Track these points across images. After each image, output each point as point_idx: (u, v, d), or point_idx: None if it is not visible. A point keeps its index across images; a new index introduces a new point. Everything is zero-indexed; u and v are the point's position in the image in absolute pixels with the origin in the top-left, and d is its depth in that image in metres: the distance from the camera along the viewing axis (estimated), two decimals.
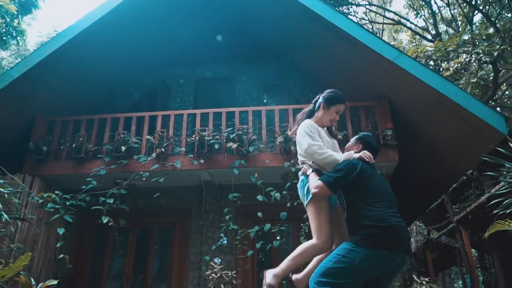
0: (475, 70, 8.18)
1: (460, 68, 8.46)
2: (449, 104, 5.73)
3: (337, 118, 3.00)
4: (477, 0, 12.13)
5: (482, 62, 8.03)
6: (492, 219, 4.66)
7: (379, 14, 17.92)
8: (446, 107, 5.81)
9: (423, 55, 8.59)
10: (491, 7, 12.32)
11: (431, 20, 15.51)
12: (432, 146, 6.77)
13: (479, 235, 10.81)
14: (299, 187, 2.87)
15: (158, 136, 6.49)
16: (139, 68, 8.50)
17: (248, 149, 6.21)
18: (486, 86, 10.39)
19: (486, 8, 12.25)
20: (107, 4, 6.74)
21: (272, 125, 6.78)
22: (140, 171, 6.04)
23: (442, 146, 6.70)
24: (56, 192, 5.40)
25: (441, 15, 16.10)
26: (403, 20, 17.10)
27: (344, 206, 2.69)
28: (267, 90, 8.79)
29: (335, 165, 2.66)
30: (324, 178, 2.60)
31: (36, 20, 27.46)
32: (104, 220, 5.22)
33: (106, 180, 5.97)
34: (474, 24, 13.83)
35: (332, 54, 7.12)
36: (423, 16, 16.69)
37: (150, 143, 6.51)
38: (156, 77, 8.76)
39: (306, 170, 2.78)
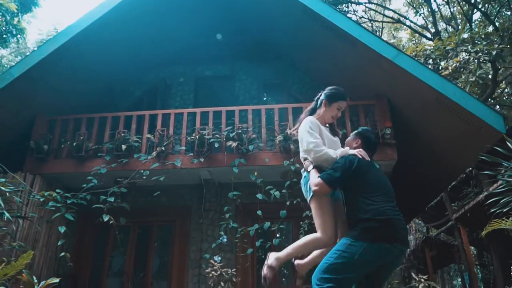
0: (474, 69, 8.19)
1: (459, 67, 8.47)
2: (447, 103, 5.76)
3: (339, 114, 3.02)
4: None
5: (481, 61, 8.04)
6: (490, 217, 4.69)
7: (379, 13, 17.91)
8: (444, 106, 5.83)
9: (422, 53, 8.60)
10: (490, 5, 12.31)
11: (430, 18, 15.52)
12: (431, 145, 6.80)
13: (478, 233, 10.84)
14: (302, 184, 2.89)
15: (159, 135, 6.52)
16: (139, 67, 8.52)
17: (247, 147, 6.25)
18: (485, 84, 10.41)
19: (486, 6, 12.25)
20: (107, 2, 6.75)
21: (272, 123, 6.80)
22: (141, 170, 6.07)
23: (441, 145, 6.73)
24: (57, 190, 5.43)
25: (440, 13, 16.11)
26: (402, 19, 17.09)
27: (343, 201, 2.73)
28: (266, 88, 8.81)
29: (332, 162, 2.69)
30: (323, 175, 2.63)
31: (36, 18, 27.45)
32: (105, 218, 5.25)
33: (107, 179, 6.02)
34: (473, 22, 13.82)
35: (331, 53, 7.14)
36: (423, 14, 16.71)
37: (150, 142, 6.54)
38: (156, 75, 8.78)
39: (307, 167, 2.81)
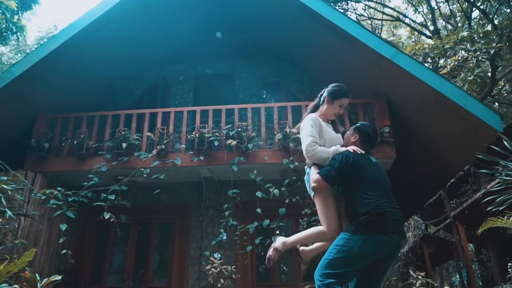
0: (472, 68, 8.22)
1: (457, 66, 8.50)
2: (445, 102, 5.79)
3: (341, 111, 3.04)
4: None
5: (479, 60, 8.07)
6: (487, 215, 4.74)
7: (378, 10, 17.91)
8: (443, 105, 5.87)
9: (420, 52, 8.63)
10: (489, 3, 12.31)
11: (429, 15, 15.53)
12: (429, 143, 6.84)
13: (476, 230, 10.90)
14: (306, 180, 2.91)
15: (159, 133, 6.57)
16: (139, 65, 8.54)
17: (247, 146, 6.29)
18: (484, 82, 10.44)
19: (485, 4, 12.24)
20: (107, 1, 6.77)
21: (271, 122, 6.84)
22: (141, 168, 6.12)
23: (439, 143, 6.77)
24: (58, 188, 5.47)
25: (439, 11, 16.12)
26: (401, 16, 17.09)
27: (342, 196, 2.77)
28: (266, 86, 8.84)
29: (325, 160, 2.73)
30: (322, 172, 2.67)
31: (36, 16, 27.37)
32: (106, 216, 5.31)
33: (107, 177, 6.06)
34: (472, 20, 13.83)
35: (330, 51, 7.16)
36: (422, 12, 16.72)
37: (150, 140, 6.58)
38: (156, 74, 8.80)
39: (309, 163, 2.85)
